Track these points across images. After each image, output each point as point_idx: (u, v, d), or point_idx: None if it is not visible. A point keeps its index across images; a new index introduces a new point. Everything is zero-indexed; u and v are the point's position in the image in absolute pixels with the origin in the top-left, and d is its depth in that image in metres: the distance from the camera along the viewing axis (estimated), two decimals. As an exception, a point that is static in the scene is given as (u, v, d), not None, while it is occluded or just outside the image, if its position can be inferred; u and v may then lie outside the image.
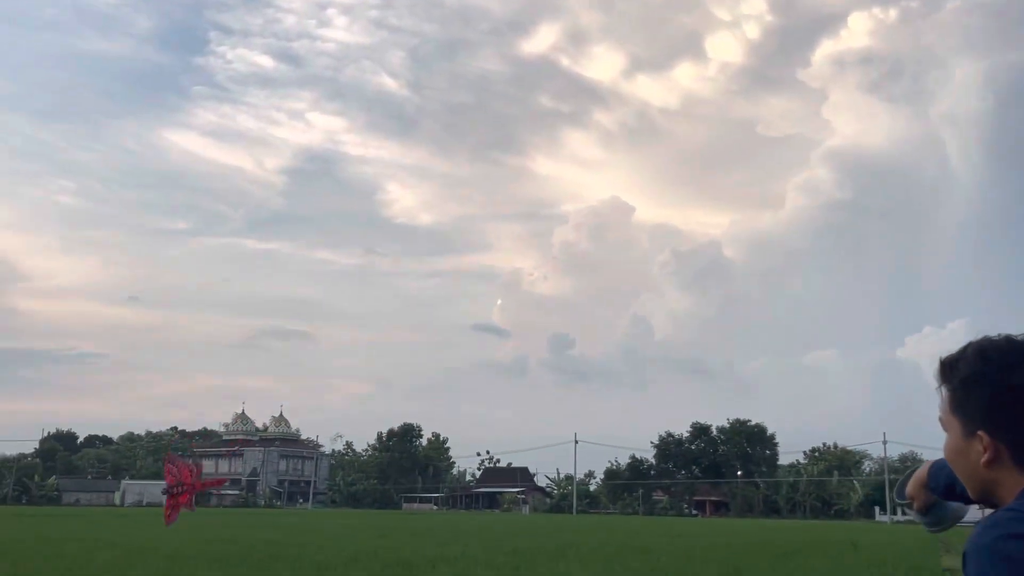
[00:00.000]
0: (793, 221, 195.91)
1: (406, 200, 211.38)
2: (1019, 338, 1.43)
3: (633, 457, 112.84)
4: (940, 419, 1.52)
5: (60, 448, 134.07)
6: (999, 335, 1.46)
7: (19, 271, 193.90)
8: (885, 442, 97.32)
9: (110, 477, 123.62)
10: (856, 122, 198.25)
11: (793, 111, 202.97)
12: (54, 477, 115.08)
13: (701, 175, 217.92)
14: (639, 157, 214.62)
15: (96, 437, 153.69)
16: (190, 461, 29.33)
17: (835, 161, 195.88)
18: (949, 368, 1.49)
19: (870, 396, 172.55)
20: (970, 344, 1.47)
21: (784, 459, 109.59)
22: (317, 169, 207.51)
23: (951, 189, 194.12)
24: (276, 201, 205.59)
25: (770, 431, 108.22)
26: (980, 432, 1.40)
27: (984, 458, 1.39)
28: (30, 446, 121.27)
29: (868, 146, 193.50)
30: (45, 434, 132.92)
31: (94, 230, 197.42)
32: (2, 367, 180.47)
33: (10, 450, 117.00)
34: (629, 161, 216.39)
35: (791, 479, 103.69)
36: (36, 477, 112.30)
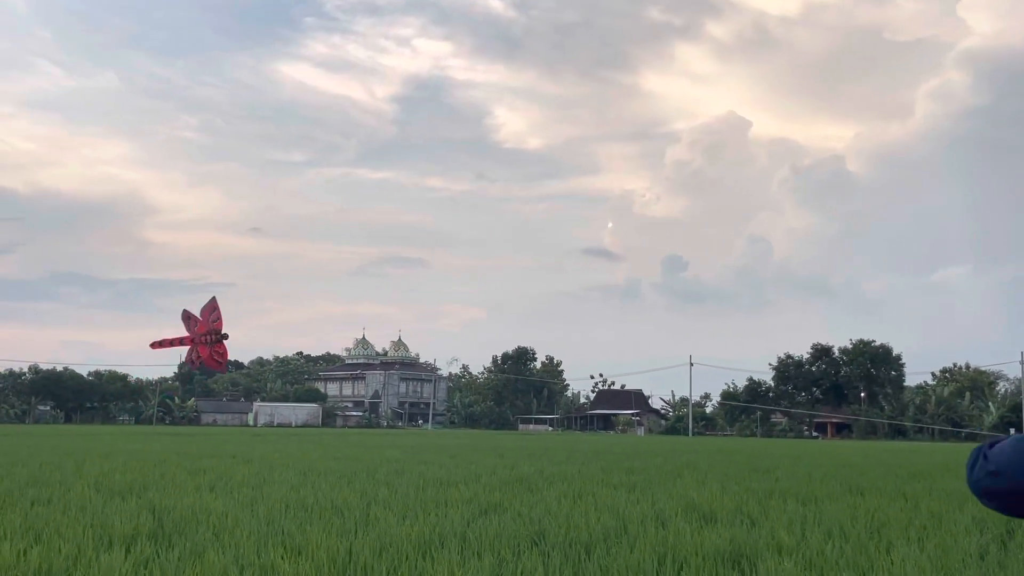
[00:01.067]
0: (923, 131, 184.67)
1: (514, 124, 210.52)
2: None
3: (751, 379, 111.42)
4: None
5: (196, 372, 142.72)
6: None
7: (150, 205, 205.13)
8: (1023, 361, 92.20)
9: (243, 399, 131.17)
10: (996, 19, 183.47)
11: (924, 11, 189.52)
12: (193, 399, 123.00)
13: (823, 86, 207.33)
14: (756, 69, 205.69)
15: (228, 362, 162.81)
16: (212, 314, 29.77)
17: (971, 64, 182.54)
18: None
19: (1005, 313, 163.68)
20: None
21: (911, 380, 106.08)
22: (426, 96, 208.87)
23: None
24: (387, 130, 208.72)
25: (895, 351, 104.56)
26: None
27: None
28: (169, 370, 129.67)
29: (1009, 46, 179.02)
30: (182, 359, 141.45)
31: (217, 164, 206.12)
32: (139, 296, 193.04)
33: (152, 374, 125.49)
34: (745, 74, 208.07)
35: (918, 400, 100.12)
36: (176, 399, 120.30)
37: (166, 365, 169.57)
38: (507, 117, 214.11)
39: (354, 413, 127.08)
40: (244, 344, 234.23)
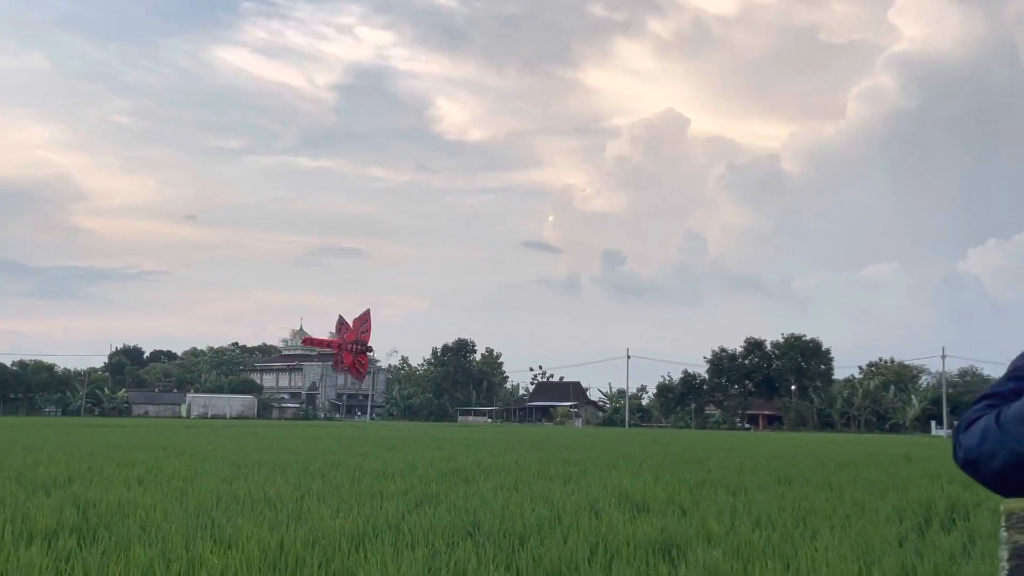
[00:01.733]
0: (855, 132, 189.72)
1: (456, 115, 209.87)
2: None
3: (686, 372, 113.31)
4: None
5: (128, 363, 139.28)
6: None
7: (80, 190, 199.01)
8: (944, 356, 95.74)
9: (176, 390, 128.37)
10: (924, 26, 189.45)
11: (857, 15, 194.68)
12: (124, 390, 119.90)
13: (759, 85, 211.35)
14: (695, 67, 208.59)
15: (161, 352, 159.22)
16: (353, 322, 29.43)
17: (901, 68, 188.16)
18: None
19: (929, 310, 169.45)
20: None
21: (839, 374, 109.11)
22: (367, 85, 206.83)
23: (1021, 94, 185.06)
24: (328, 118, 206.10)
25: (825, 346, 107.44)
26: None
27: None
28: (99, 360, 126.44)
29: (936, 51, 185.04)
30: (113, 349, 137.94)
31: (152, 149, 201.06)
32: (69, 284, 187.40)
33: (80, 364, 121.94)
34: (684, 72, 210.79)
35: (846, 393, 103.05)
36: (106, 390, 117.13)
37: (96, 355, 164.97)
38: (449, 108, 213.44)
39: (291, 405, 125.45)
40: (178, 334, 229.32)
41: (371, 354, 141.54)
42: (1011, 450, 1.24)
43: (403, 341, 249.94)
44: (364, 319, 28.43)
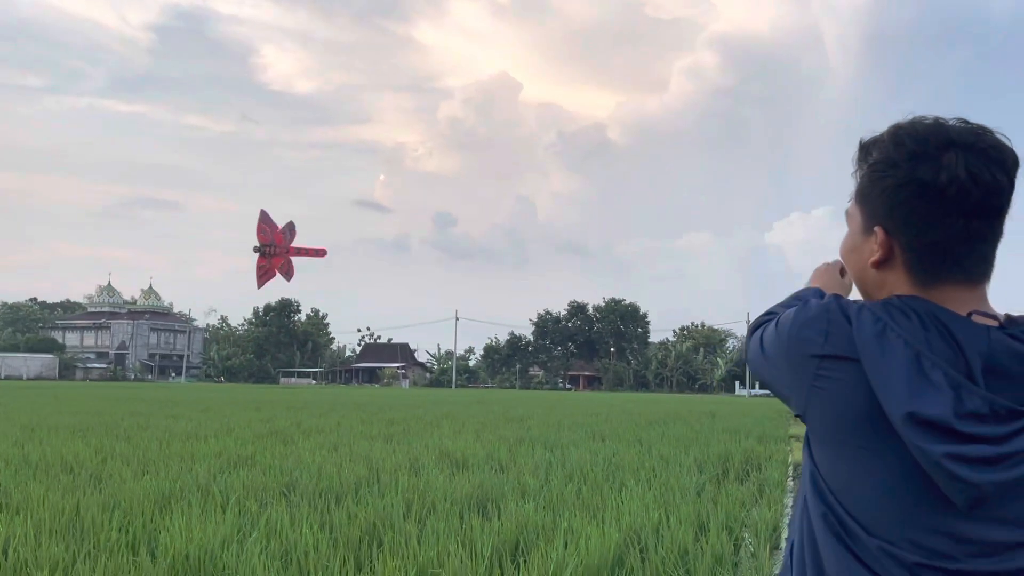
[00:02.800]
0: (676, 105, 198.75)
1: (283, 65, 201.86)
2: (949, 123, 1.23)
3: (512, 334, 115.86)
4: (846, 211, 1.36)
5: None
6: (930, 117, 1.25)
7: None
8: (748, 322, 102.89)
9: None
10: (741, 7, 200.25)
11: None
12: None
13: (590, 55, 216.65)
14: (529, 32, 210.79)
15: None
16: (282, 226, 26.49)
17: (719, 46, 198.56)
18: (865, 150, 1.30)
19: (737, 278, 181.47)
20: (894, 125, 1.27)
21: (655, 337, 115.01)
22: (187, 27, 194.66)
23: (826, 79, 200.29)
24: (142, 60, 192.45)
25: (643, 310, 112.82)
26: (877, 228, 1.26)
27: (875, 256, 1.27)
28: None
29: (751, 33, 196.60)
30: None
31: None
32: None
33: None
34: (519, 36, 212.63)
35: (660, 355, 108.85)
36: None
37: None
38: (275, 57, 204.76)
39: (97, 365, 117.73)
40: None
41: (188, 313, 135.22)
42: (758, 375, 1.39)
43: (222, 300, 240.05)
44: (281, 229, 25.94)
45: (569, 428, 18.45)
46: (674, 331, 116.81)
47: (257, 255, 24.97)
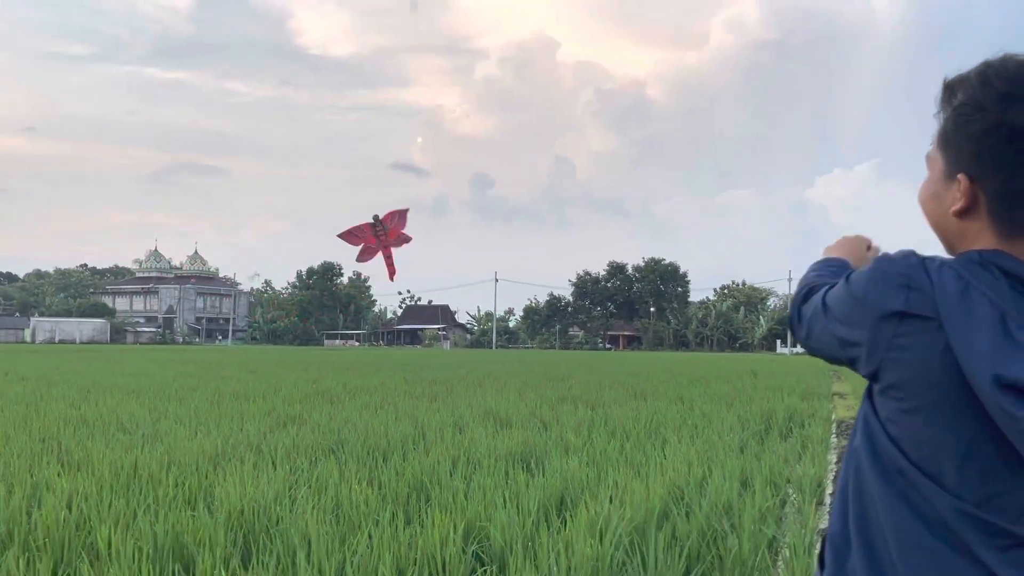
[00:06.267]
0: (717, 60, 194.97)
1: (320, 29, 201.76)
2: None
3: (551, 295, 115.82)
4: (927, 155, 1.29)
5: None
6: (1022, 55, 1.17)
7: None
8: (790, 280, 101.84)
9: (18, 314, 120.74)
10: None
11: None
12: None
13: (628, 11, 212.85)
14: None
15: (0, 274, 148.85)
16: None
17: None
18: (949, 90, 1.23)
19: (779, 236, 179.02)
20: (982, 63, 1.19)
21: (695, 296, 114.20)
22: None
23: (870, 31, 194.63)
24: (182, 27, 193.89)
25: (683, 270, 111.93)
26: (960, 175, 1.20)
27: (958, 205, 1.20)
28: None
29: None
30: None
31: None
32: None
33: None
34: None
35: (700, 314, 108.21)
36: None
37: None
38: (313, 21, 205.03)
39: (146, 329, 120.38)
40: (19, 255, 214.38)
41: (233, 277, 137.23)
42: (815, 339, 1.33)
43: (266, 264, 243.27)
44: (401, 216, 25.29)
45: (610, 387, 18.52)
46: (714, 290, 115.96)
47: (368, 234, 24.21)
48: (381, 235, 24.20)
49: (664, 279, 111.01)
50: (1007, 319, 1.09)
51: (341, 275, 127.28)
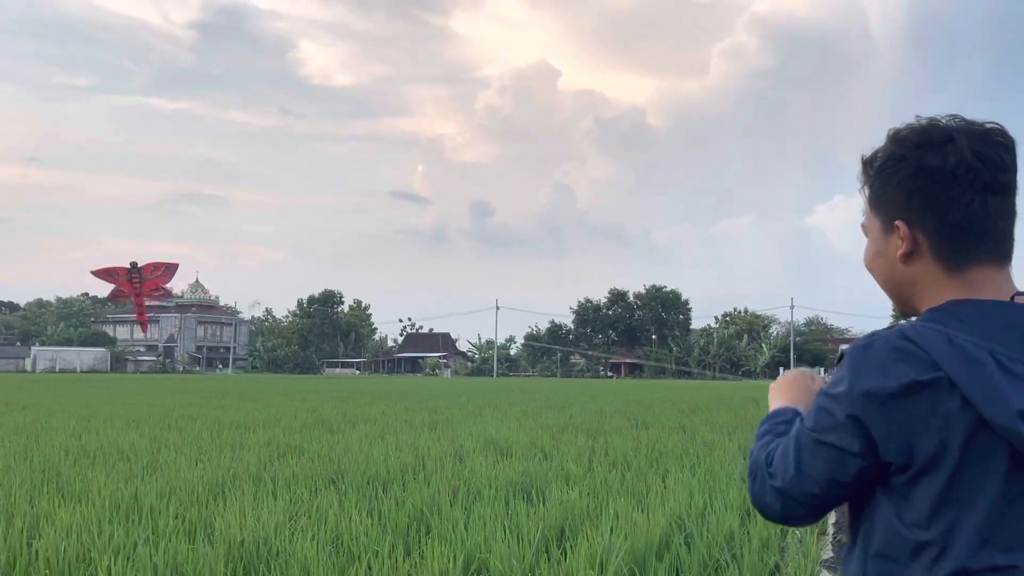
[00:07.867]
0: (716, 89, 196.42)
1: (322, 59, 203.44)
2: (939, 120, 1.27)
3: (552, 322, 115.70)
4: (862, 226, 1.37)
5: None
6: (924, 117, 1.29)
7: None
8: (792, 307, 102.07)
9: (19, 343, 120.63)
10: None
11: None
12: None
13: (628, 40, 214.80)
14: (566, 19, 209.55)
15: (1, 303, 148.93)
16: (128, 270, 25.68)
17: (760, 28, 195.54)
18: (868, 163, 1.33)
19: (780, 263, 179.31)
20: (890, 130, 1.31)
21: (696, 323, 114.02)
22: (227, 24, 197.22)
23: (869, 60, 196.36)
24: (184, 58, 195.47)
25: (684, 297, 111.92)
26: (898, 222, 1.27)
27: (901, 249, 1.27)
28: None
29: (792, 13, 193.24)
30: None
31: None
32: None
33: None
34: (556, 23, 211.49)
35: (702, 342, 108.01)
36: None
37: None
38: (314, 52, 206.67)
39: (147, 358, 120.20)
40: (20, 284, 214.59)
41: (234, 305, 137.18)
42: (812, 479, 1.27)
43: (266, 292, 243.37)
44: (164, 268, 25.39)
45: (611, 416, 18.46)
46: (716, 317, 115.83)
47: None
48: (136, 283, 24.50)
49: (665, 306, 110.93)
50: (996, 355, 1.13)
51: (342, 303, 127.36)
